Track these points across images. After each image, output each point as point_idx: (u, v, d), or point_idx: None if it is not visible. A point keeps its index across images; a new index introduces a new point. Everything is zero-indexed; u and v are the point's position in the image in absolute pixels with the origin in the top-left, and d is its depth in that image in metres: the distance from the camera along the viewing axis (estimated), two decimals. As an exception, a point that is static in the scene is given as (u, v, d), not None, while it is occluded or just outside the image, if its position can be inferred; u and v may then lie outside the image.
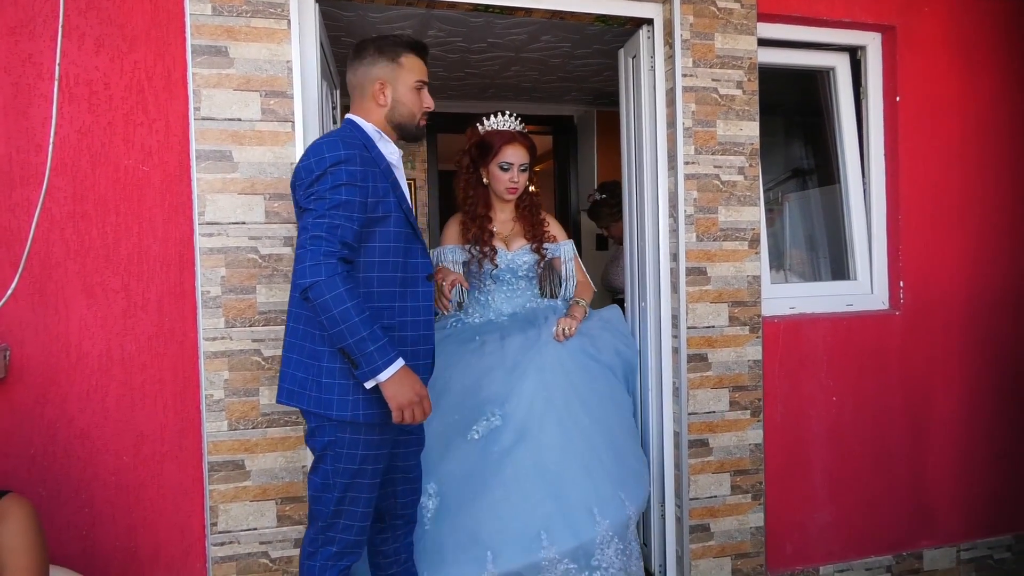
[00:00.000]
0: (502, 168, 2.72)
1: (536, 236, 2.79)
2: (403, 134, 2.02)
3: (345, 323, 1.71)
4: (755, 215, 2.75)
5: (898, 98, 2.97)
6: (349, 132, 1.91)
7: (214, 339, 2.23)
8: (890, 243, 3.02)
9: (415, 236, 1.97)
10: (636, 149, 2.88)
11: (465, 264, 2.77)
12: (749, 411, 2.75)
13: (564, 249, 2.86)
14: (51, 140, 2.13)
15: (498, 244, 2.77)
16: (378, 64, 1.96)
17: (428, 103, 2.04)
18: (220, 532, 2.26)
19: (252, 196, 2.25)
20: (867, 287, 3.04)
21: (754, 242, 2.75)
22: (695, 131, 2.67)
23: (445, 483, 2.40)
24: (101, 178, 2.18)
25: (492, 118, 2.77)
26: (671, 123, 2.69)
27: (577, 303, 2.75)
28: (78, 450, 2.17)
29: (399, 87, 1.97)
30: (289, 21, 2.27)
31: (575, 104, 5.00)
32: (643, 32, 2.77)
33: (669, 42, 2.68)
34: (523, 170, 2.74)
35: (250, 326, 2.25)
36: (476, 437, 2.45)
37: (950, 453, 3.05)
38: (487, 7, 2.60)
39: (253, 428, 2.26)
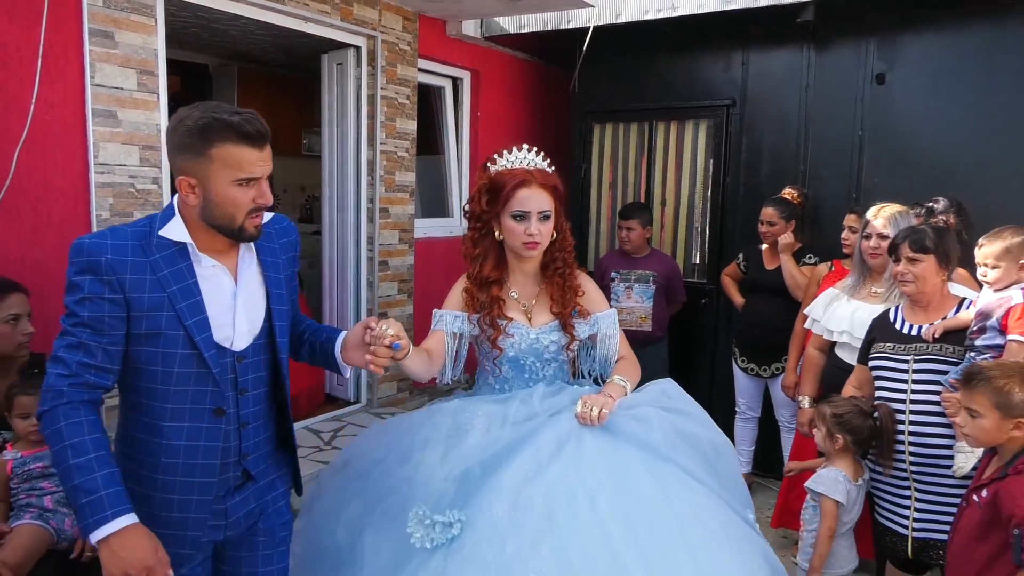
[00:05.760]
0: (515, 218, 2.03)
1: (565, 309, 2.12)
2: (228, 236, 1.63)
3: (59, 466, 1.49)
4: (412, 177, 4.56)
5: (479, 113, 5.11)
6: (139, 225, 1.62)
7: (103, 249, 3.05)
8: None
9: (200, 359, 1.59)
10: (340, 129, 4.35)
11: (476, 339, 2.15)
12: (407, 295, 4.60)
13: (603, 324, 2.18)
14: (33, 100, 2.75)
15: (518, 316, 2.12)
16: (181, 156, 1.56)
17: (264, 198, 1.61)
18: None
19: (131, 146, 3.10)
20: (457, 221, 5.16)
21: (412, 193, 4.57)
22: (386, 124, 4.32)
23: None
24: (14, 123, 2.78)
25: (505, 155, 2.11)
26: (371, 116, 4.28)
27: (613, 380, 2.08)
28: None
29: (212, 185, 1.56)
30: (156, 19, 3.14)
31: (212, 55, 5.86)
32: (351, 52, 4.25)
33: (372, 64, 4.24)
34: (544, 218, 2.04)
35: (129, 240, 3.13)
36: (428, 546, 1.75)
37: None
38: (260, 23, 3.74)
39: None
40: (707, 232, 4.74)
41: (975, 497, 2.12)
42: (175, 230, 1.60)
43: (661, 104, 4.72)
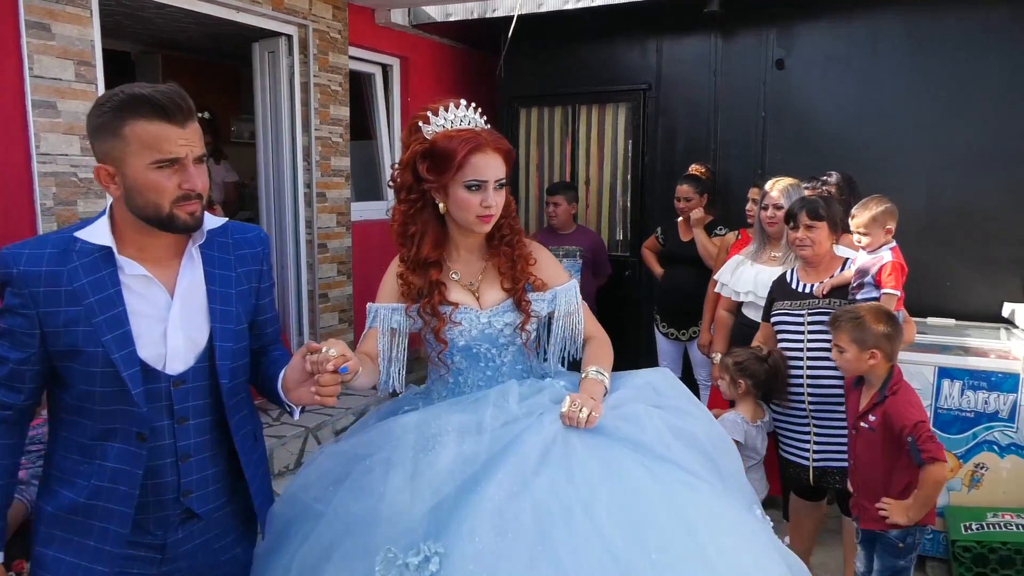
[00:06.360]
0: (469, 188, 1.74)
1: (516, 282, 1.85)
2: (160, 228, 1.46)
3: None
4: (347, 162, 4.70)
5: (409, 99, 5.28)
6: (67, 230, 1.51)
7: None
8: (404, 180, 5.36)
9: (118, 378, 1.43)
10: (274, 117, 4.45)
11: (421, 332, 1.86)
12: (346, 276, 4.76)
13: (563, 298, 1.92)
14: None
15: (464, 299, 1.84)
16: (97, 140, 1.44)
17: (191, 183, 1.43)
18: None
19: (72, 136, 3.16)
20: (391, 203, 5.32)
21: (348, 177, 4.71)
22: (319, 111, 4.45)
23: None
24: (-46, 114, 2.82)
25: (441, 113, 1.77)
26: (305, 103, 4.40)
27: (588, 375, 1.82)
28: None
29: (129, 169, 1.40)
30: (91, 11, 3.20)
31: (134, 42, 5.79)
32: (283, 40, 4.34)
33: (304, 52, 4.35)
34: (500, 187, 1.78)
35: (74, 228, 3.20)
36: None
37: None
38: (192, 13, 3.82)
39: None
40: (629, 208, 5.07)
41: (863, 424, 2.50)
42: (97, 232, 1.45)
43: (583, 89, 5.01)
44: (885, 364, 2.45)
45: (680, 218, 4.27)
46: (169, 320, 1.49)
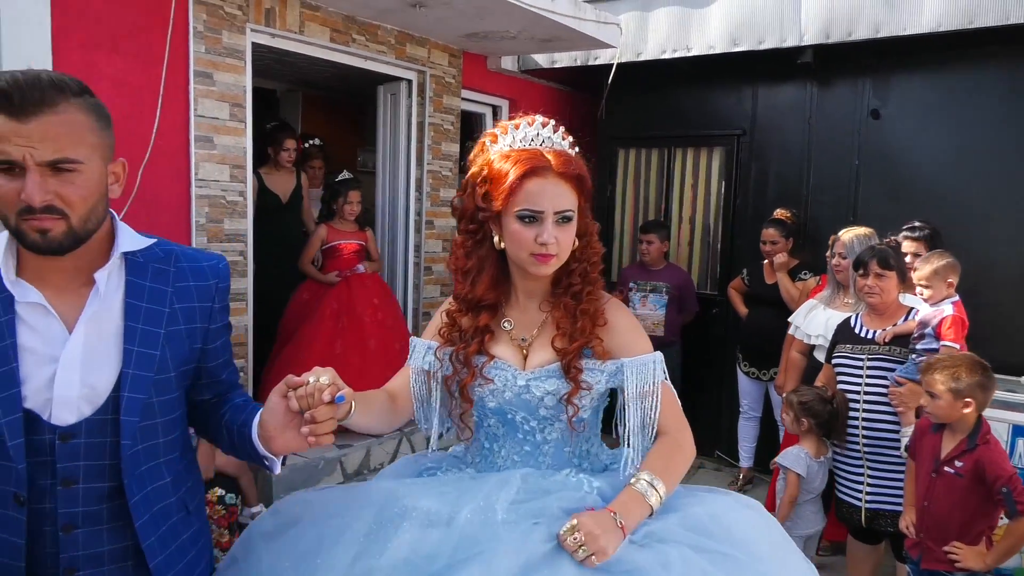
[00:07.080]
0: (522, 219, 1.43)
1: (570, 342, 1.49)
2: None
3: None
4: (454, 194, 5.14)
5: (516, 137, 5.69)
6: None
7: (201, 247, 3.69)
8: (506, 212, 5.76)
9: None
10: (392, 151, 4.97)
11: (447, 381, 1.58)
12: (448, 295, 5.18)
13: (632, 374, 1.50)
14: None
15: (507, 354, 1.55)
16: None
17: (26, 194, 1.15)
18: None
19: (223, 165, 3.74)
20: (494, 234, 5.73)
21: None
22: (432, 147, 4.93)
23: None
24: (136, 145, 3.43)
25: (511, 131, 1.51)
26: (420, 140, 4.89)
27: (638, 483, 1.42)
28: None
29: None
30: (246, 61, 3.79)
31: (280, 81, 6.55)
32: (403, 84, 4.86)
33: (421, 94, 4.85)
34: (564, 220, 1.45)
35: (219, 241, 3.77)
36: None
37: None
38: (328, 61, 4.38)
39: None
40: (719, 248, 5.23)
41: (948, 468, 2.54)
42: None
43: (679, 132, 5.25)
44: (975, 413, 2.50)
45: (766, 260, 4.41)
46: (61, 360, 1.24)
